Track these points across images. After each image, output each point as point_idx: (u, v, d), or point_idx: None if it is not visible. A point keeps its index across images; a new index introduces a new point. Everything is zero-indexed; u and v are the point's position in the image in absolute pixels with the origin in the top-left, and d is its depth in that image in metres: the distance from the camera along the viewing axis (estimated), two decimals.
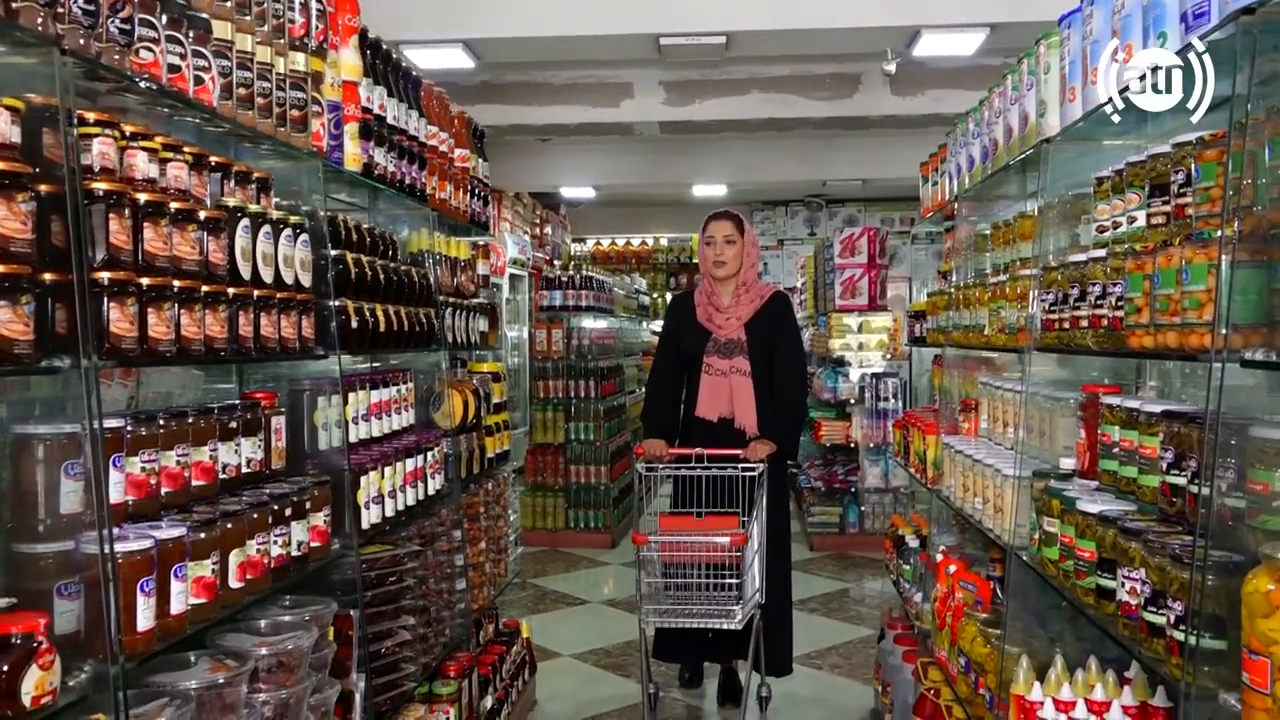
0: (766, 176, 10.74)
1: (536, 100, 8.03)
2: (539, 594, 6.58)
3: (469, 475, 3.83)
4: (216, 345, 2.03)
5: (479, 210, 4.33)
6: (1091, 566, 1.98)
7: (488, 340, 4.33)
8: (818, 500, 7.98)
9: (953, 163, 3.61)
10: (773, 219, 15.00)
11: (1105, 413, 2.15)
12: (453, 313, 3.79)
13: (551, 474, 8.07)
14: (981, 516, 2.84)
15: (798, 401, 4.27)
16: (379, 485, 2.85)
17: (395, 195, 3.43)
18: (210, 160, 2.19)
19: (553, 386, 8.07)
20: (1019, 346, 2.62)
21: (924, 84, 7.63)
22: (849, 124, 8.26)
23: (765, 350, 4.17)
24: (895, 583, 4.18)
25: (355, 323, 2.76)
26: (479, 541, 3.87)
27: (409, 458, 3.13)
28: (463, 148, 4.07)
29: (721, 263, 4.18)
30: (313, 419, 2.68)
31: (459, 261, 4.01)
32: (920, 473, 3.76)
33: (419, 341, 3.34)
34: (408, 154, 3.38)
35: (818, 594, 6.49)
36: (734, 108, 7.89)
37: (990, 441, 3.14)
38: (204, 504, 2.07)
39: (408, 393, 3.41)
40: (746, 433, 4.13)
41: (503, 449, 4.34)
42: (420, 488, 3.22)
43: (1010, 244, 3.02)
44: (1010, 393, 2.88)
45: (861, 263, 7.75)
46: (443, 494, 3.54)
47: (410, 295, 3.29)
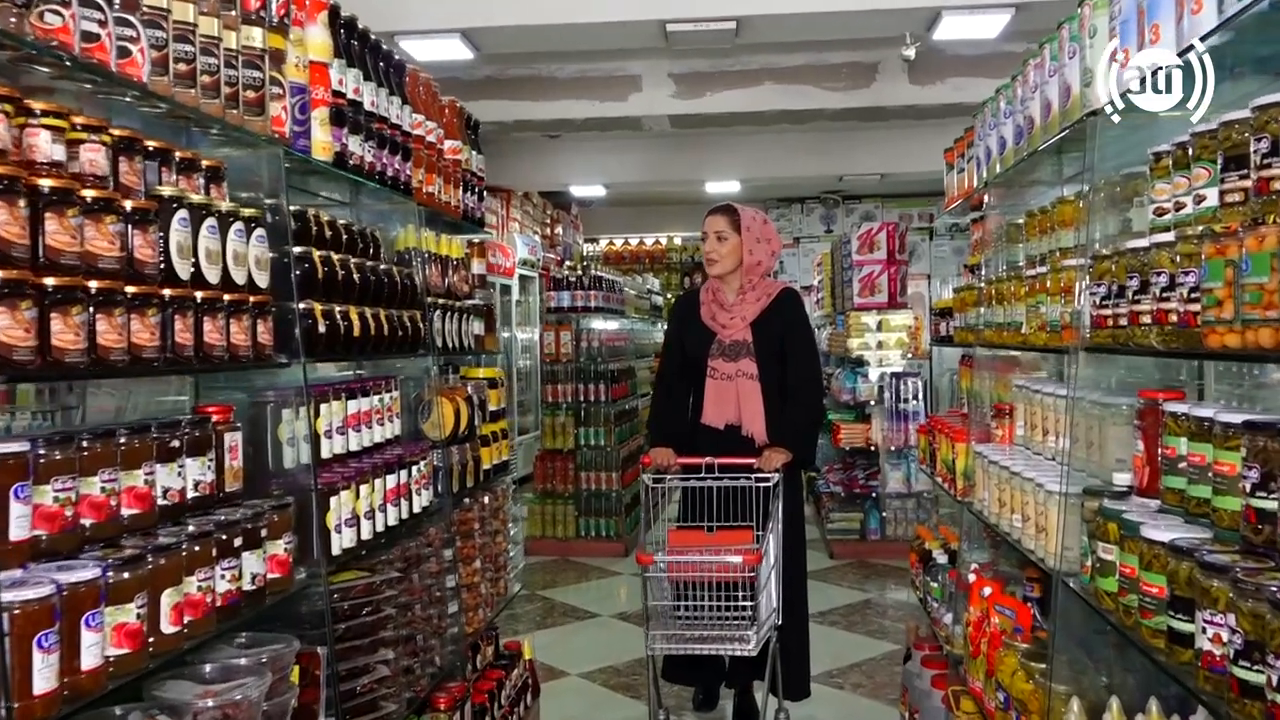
0: (781, 172, 10.43)
1: (542, 95, 7.77)
2: (547, 607, 6.32)
3: (462, 489, 3.57)
4: (146, 355, 1.77)
5: (473, 206, 4.07)
6: (1161, 605, 1.69)
7: (484, 344, 4.07)
8: (837, 506, 7.68)
9: (980, 146, 3.32)
10: (788, 216, 14.70)
11: (1169, 422, 1.87)
12: (443, 315, 3.53)
13: (561, 481, 7.80)
14: (1021, 536, 2.55)
15: (813, 405, 3.99)
16: (353, 505, 2.59)
17: (377, 189, 3.18)
18: (145, 145, 1.93)
19: (562, 390, 7.81)
20: (1063, 346, 2.34)
21: (943, 72, 7.33)
22: (866, 115, 7.96)
23: (774, 351, 3.90)
24: (922, 600, 3.89)
25: (324, 327, 2.50)
26: (473, 560, 3.61)
27: (390, 473, 2.86)
28: (454, 139, 3.81)
29: (713, 260, 3.92)
30: (276, 434, 2.43)
31: (451, 260, 3.75)
32: (949, 483, 3.47)
33: (402, 346, 3.08)
34: (389, 144, 3.12)
35: (838, 605, 6.19)
36: (746, 99, 7.60)
37: (1027, 451, 2.85)
38: (139, 536, 1.81)
39: (393, 402, 3.15)
40: (755, 440, 3.86)
41: (501, 460, 4.08)
42: (404, 505, 2.96)
43: (1048, 233, 2.73)
44: (1051, 397, 2.59)
45: (880, 259, 7.45)
46: (431, 510, 3.28)
47: (392, 297, 3.03)
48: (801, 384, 3.90)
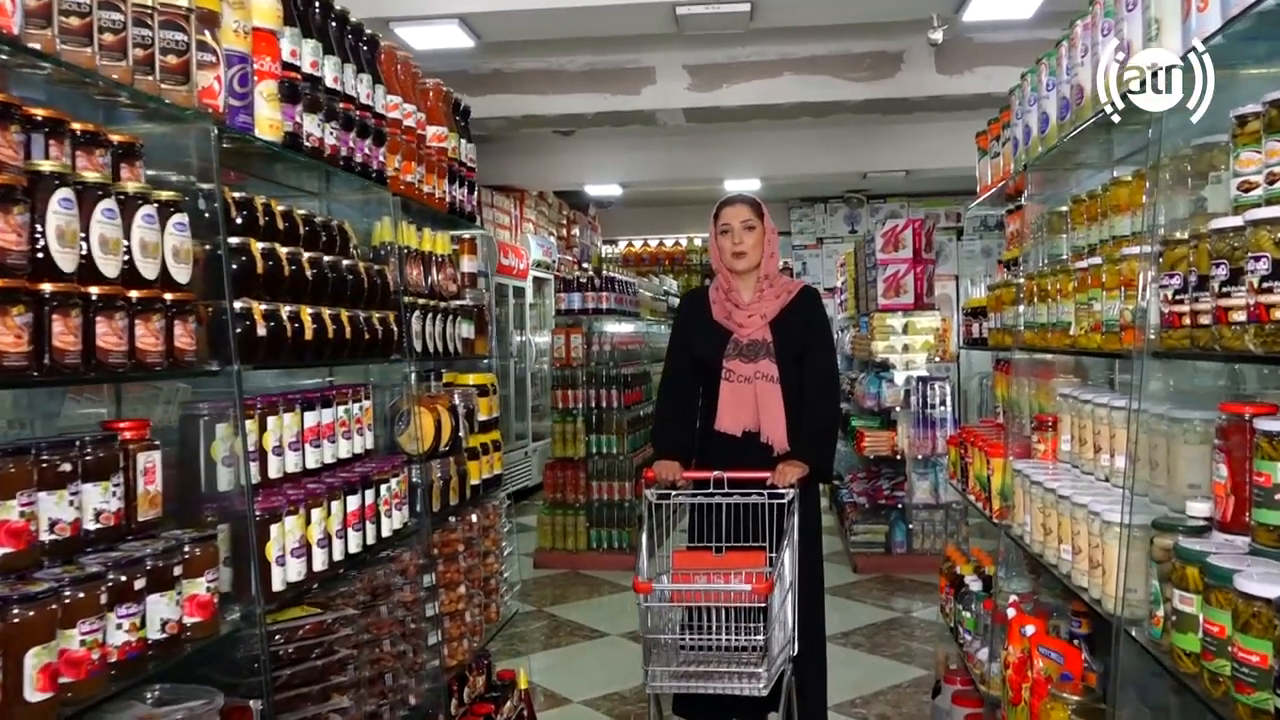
0: (802, 169, 10.07)
1: (551, 89, 7.46)
2: (553, 625, 6.00)
3: (445, 507, 3.25)
4: (8, 362, 1.46)
5: (462, 199, 3.76)
6: (1264, 678, 1.34)
7: (474, 348, 3.75)
8: (861, 517, 7.31)
9: (1019, 125, 2.96)
10: (811, 216, 14.35)
11: (1263, 443, 1.51)
12: (424, 316, 3.22)
13: (572, 490, 7.48)
14: (1071, 571, 2.20)
15: (831, 412, 3.64)
16: (303, 532, 2.27)
17: (348, 178, 2.88)
18: (29, 114, 1.62)
19: (573, 396, 7.48)
20: (1123, 350, 1.99)
21: (973, 60, 6.95)
22: (890, 107, 7.58)
23: (795, 352, 3.55)
24: (953, 630, 3.53)
25: (265, 329, 2.18)
26: (457, 585, 3.29)
27: (354, 493, 2.55)
28: (438, 125, 3.49)
29: (742, 253, 3.56)
30: (210, 452, 2.12)
31: (435, 257, 3.43)
32: (983, 502, 3.12)
33: (372, 351, 2.77)
34: (358, 126, 2.81)
35: (862, 625, 5.83)
36: (764, 91, 7.25)
37: (1075, 470, 2.49)
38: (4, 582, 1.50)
39: (364, 412, 2.84)
40: (775, 448, 3.51)
41: (493, 473, 3.76)
42: (369, 529, 2.65)
43: (1098, 220, 2.38)
44: (1104, 409, 2.23)
45: (906, 258, 7.07)
46: (407, 532, 2.97)
47: (359, 296, 2.72)
48: (819, 389, 3.55)
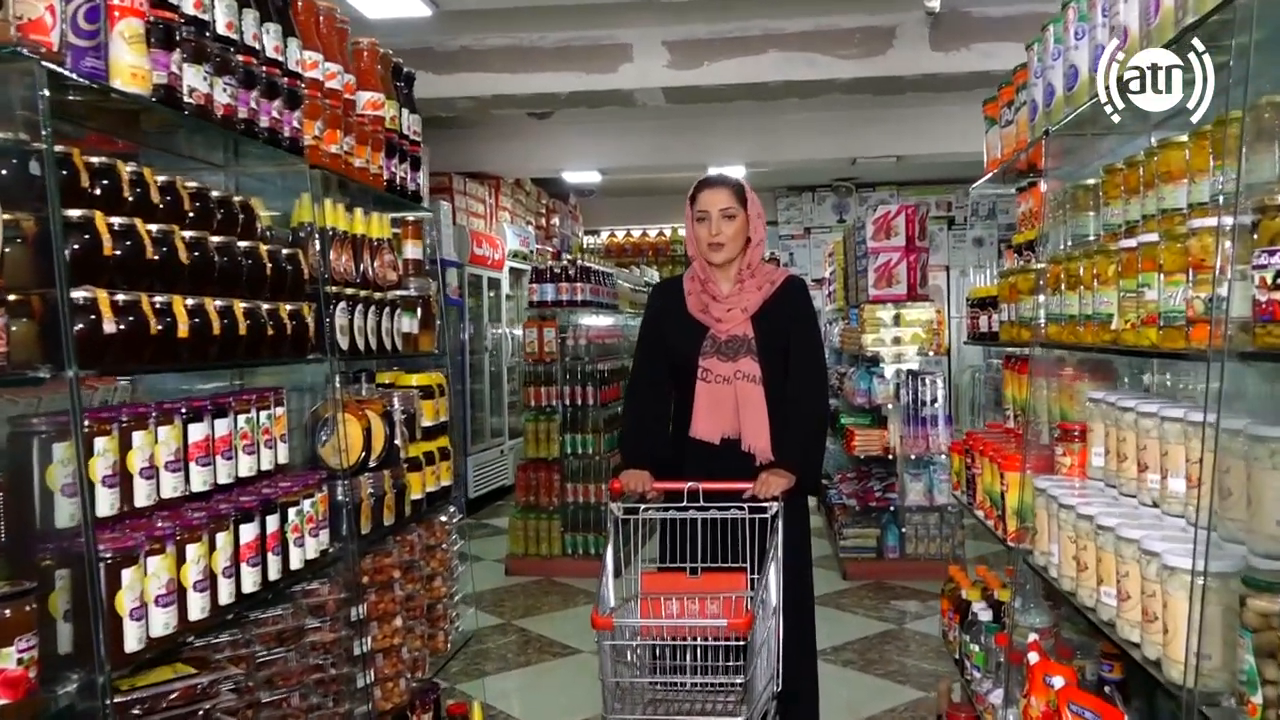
0: (789, 155, 9.65)
1: (523, 67, 7.02)
2: (522, 640, 5.58)
3: (378, 528, 2.83)
4: None
5: (405, 176, 3.33)
6: None
7: (417, 344, 3.33)
8: (851, 520, 6.92)
9: (1037, 85, 2.55)
10: (799, 205, 13.95)
11: None
12: (352, 308, 2.79)
13: (545, 493, 7.06)
14: (1117, 620, 1.79)
15: (818, 416, 3.22)
16: (171, 575, 1.85)
17: (255, 148, 2.46)
18: None
19: (546, 393, 7.06)
20: (1190, 349, 1.58)
21: (969, 36, 6.55)
22: (881, 88, 7.17)
23: (779, 349, 3.15)
24: (958, 663, 3.13)
25: (116, 324, 1.75)
26: (393, 617, 2.87)
27: (248, 521, 2.12)
28: (372, 90, 3.06)
29: (719, 244, 3.13)
30: (46, 479, 1.69)
31: (369, 241, 3.01)
32: (994, 521, 2.71)
33: (278, 348, 2.35)
34: (262, 84, 2.38)
35: (853, 639, 5.43)
36: (748, 70, 6.83)
37: (1111, 491, 2.09)
38: None
39: (273, 422, 2.42)
40: (758, 457, 3.11)
41: (440, 485, 3.34)
42: (273, 562, 2.22)
43: (1144, 190, 1.97)
44: (1153, 420, 1.83)
45: (898, 245, 6.66)
46: (327, 561, 2.55)
47: (258, 284, 2.29)
48: (805, 390, 3.14)
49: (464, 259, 9.19)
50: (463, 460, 9.04)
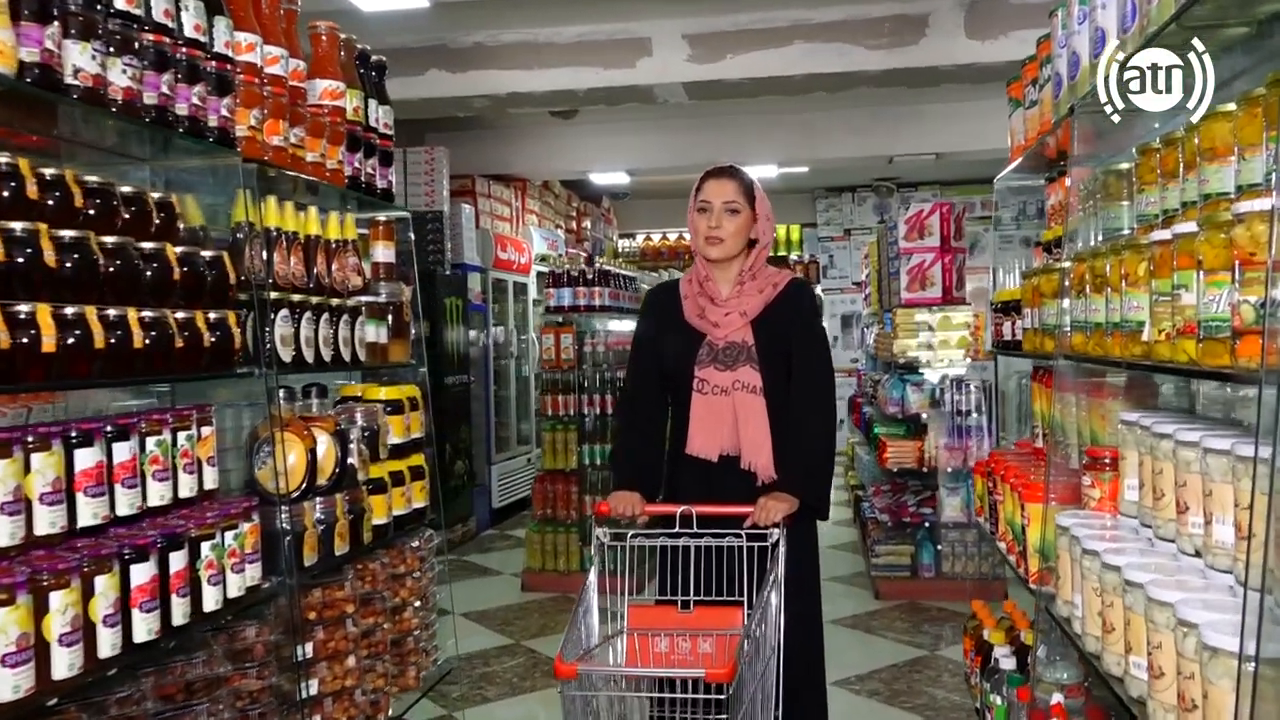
0: (822, 153, 9.28)
1: (538, 63, 6.76)
2: (530, 663, 5.30)
3: (327, 559, 2.57)
4: None
5: (373, 172, 3.07)
6: None
7: (386, 354, 3.06)
8: (884, 536, 6.54)
9: (1062, 56, 2.21)
10: (838, 206, 13.55)
11: None
12: (298, 316, 2.53)
13: (563, 506, 6.79)
14: (1149, 699, 1.46)
15: (822, 432, 2.88)
16: (20, 629, 1.59)
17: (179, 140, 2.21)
18: None
19: (563, 402, 6.78)
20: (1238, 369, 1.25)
21: (1007, 22, 6.16)
22: (915, 79, 6.80)
23: (782, 358, 2.84)
24: (979, 713, 2.78)
25: None
26: (344, 657, 2.60)
27: (141, 560, 1.86)
28: (330, 78, 2.81)
29: (717, 239, 2.84)
30: None
31: (327, 244, 2.75)
32: (1015, 556, 2.37)
33: (191, 362, 2.09)
34: (179, 66, 2.13)
35: (881, 666, 5.07)
36: (773, 62, 6.50)
37: (1146, 532, 1.75)
38: None
39: (193, 443, 2.16)
40: (759, 476, 2.80)
41: (411, 508, 3.07)
42: (178, 605, 1.96)
43: (1183, 173, 1.63)
44: (1195, 451, 1.49)
45: (933, 246, 6.29)
46: (261, 597, 2.29)
47: (164, 291, 2.03)
48: (809, 402, 2.83)
49: (487, 263, 8.95)
50: (487, 469, 8.79)
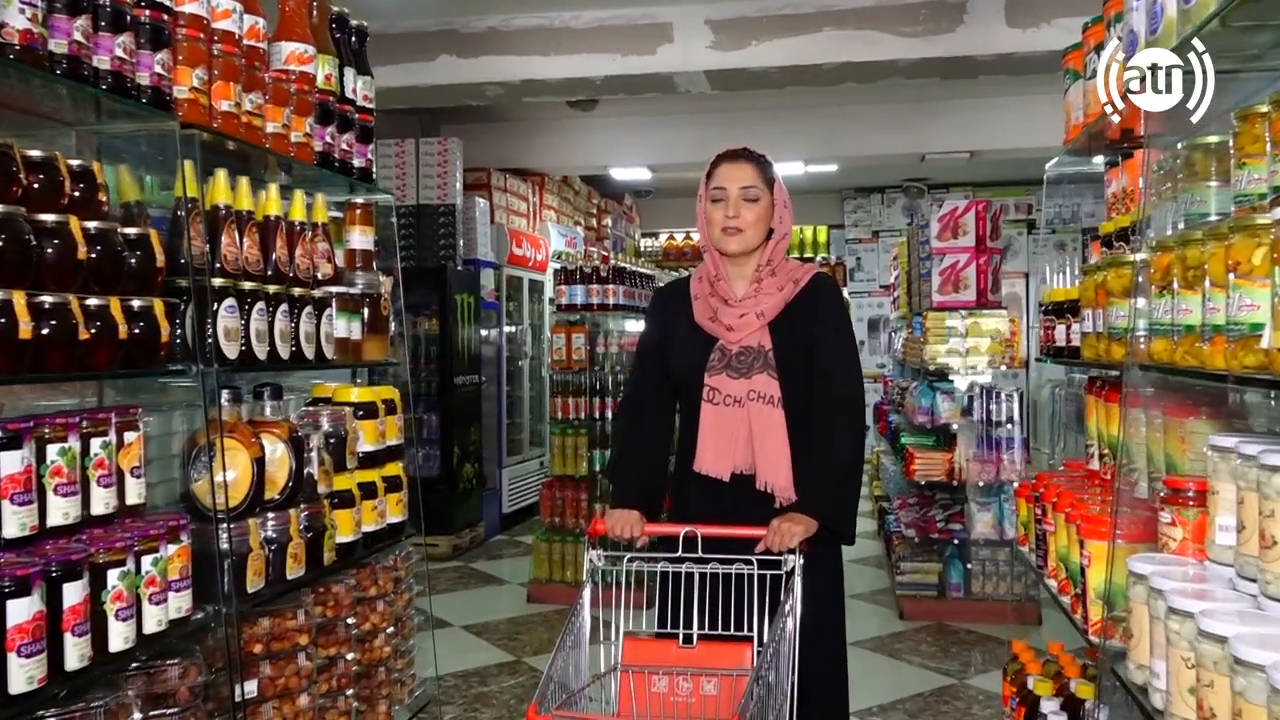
0: (849, 149, 8.91)
1: (554, 49, 6.45)
2: (531, 682, 4.97)
3: (276, 583, 2.26)
4: None
5: (348, 148, 2.76)
6: None
7: (360, 351, 2.75)
8: (910, 553, 6.17)
9: (1135, 13, 1.86)
10: (866, 207, 13.18)
11: None
12: (248, 307, 2.22)
13: (572, 513, 6.47)
14: None
15: (849, 447, 2.53)
16: None
17: (104, 99, 1.90)
18: None
19: (574, 405, 6.47)
20: None
21: (1050, 9, 5.78)
22: (950, 70, 6.42)
23: (803, 364, 2.49)
24: None
25: None
26: (296, 696, 2.29)
27: (20, 595, 1.55)
28: (298, 41, 2.50)
29: (736, 230, 2.50)
30: None
31: (284, 224, 2.44)
32: (1071, 599, 2.02)
33: (102, 357, 1.78)
34: (102, 14, 1.83)
35: (906, 695, 4.72)
36: (800, 50, 6.15)
37: (1244, 585, 1.40)
38: None
39: (112, 451, 1.86)
40: (777, 497, 2.46)
41: (385, 523, 2.76)
42: (71, 646, 1.65)
43: None
44: None
45: (967, 246, 5.92)
46: (189, 630, 1.98)
47: (66, 274, 1.73)
48: (834, 413, 2.48)
49: (502, 260, 8.66)
50: (498, 473, 8.50)
